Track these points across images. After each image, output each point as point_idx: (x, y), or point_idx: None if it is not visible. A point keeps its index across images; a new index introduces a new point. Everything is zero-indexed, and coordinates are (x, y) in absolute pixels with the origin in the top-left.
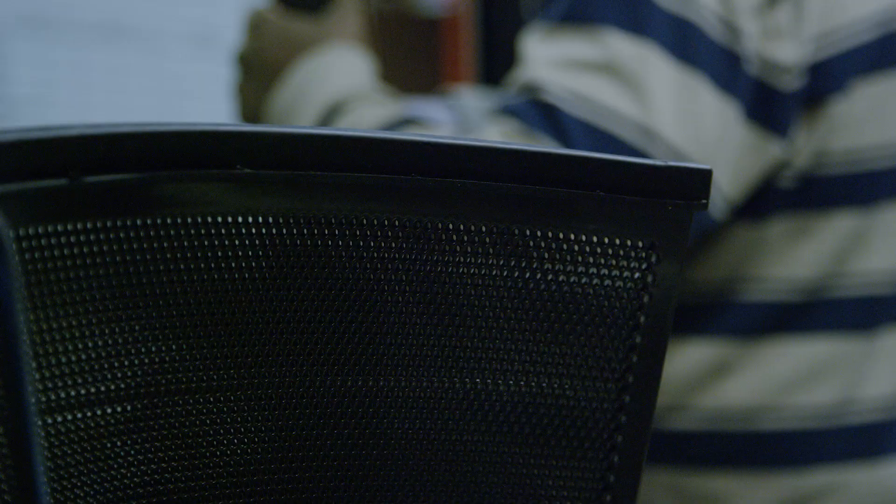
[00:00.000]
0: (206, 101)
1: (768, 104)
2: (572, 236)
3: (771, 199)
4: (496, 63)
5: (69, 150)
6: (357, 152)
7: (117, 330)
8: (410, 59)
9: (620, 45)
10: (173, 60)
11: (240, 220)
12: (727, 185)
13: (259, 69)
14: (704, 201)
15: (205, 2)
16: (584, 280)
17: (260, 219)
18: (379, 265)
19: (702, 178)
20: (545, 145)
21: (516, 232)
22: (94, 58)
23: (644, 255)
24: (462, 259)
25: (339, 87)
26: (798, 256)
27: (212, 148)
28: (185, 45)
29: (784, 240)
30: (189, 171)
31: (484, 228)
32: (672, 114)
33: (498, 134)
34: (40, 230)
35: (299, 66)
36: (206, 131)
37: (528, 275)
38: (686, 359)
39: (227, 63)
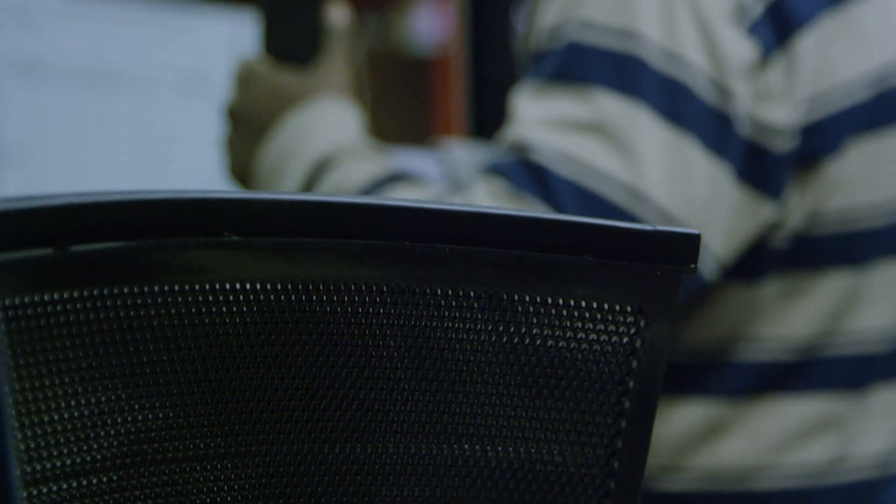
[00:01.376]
0: (195, 146)
1: (760, 166)
2: (560, 301)
3: (764, 259)
4: (487, 103)
5: (55, 220)
6: (344, 218)
7: (104, 399)
8: (400, 99)
9: (610, 106)
10: (163, 106)
11: (227, 286)
12: (719, 247)
13: (247, 123)
14: (693, 266)
15: (195, 49)
16: (572, 345)
17: (248, 285)
18: (367, 331)
19: (691, 243)
20: (533, 208)
21: (504, 297)
22: (84, 103)
23: (632, 319)
24: (450, 324)
25: (328, 141)
26: (792, 316)
27: (199, 216)
28: (175, 91)
29: (778, 300)
30: (177, 239)
31: (472, 293)
32: (662, 176)
33: (485, 193)
34: (26, 300)
35: (287, 120)
36: (193, 199)
37: (516, 339)
38: (680, 419)
39: (217, 109)
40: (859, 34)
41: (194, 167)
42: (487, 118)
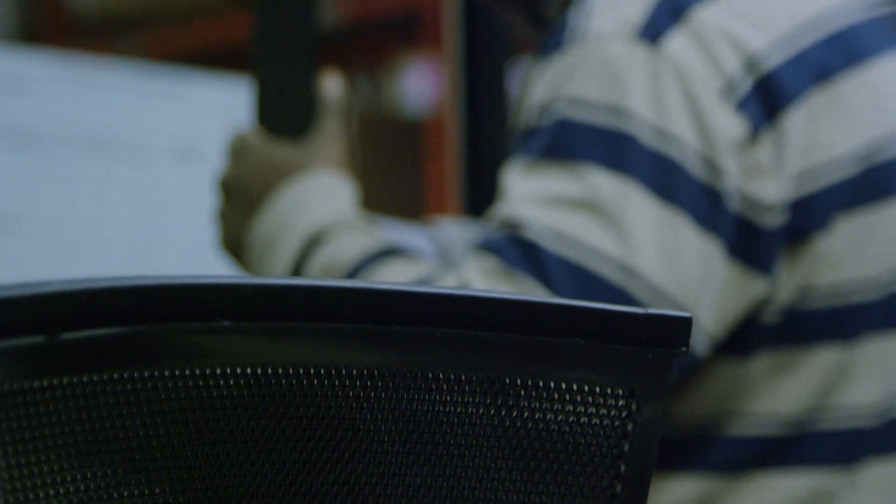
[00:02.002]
0: (188, 214)
1: (751, 241)
2: (552, 384)
3: (754, 334)
4: (480, 166)
5: (46, 308)
6: (335, 303)
7: (94, 483)
8: (392, 161)
9: (601, 183)
10: (156, 173)
11: (218, 371)
12: (710, 323)
13: (240, 195)
14: (685, 349)
15: (188, 117)
16: (563, 428)
17: (238, 370)
18: (358, 414)
19: (682, 327)
20: (525, 285)
21: (496, 380)
22: (77, 170)
23: (624, 403)
24: (442, 407)
25: (321, 215)
26: (782, 391)
27: (191, 302)
28: (168, 158)
29: (768, 375)
30: (168, 325)
31: (463, 377)
32: (653, 252)
33: (478, 270)
34: (16, 387)
35: (281, 193)
36: (184, 285)
37: (507, 422)
38: (671, 495)
39: (210, 177)
40: (847, 110)
41: (187, 234)
42: (480, 181)
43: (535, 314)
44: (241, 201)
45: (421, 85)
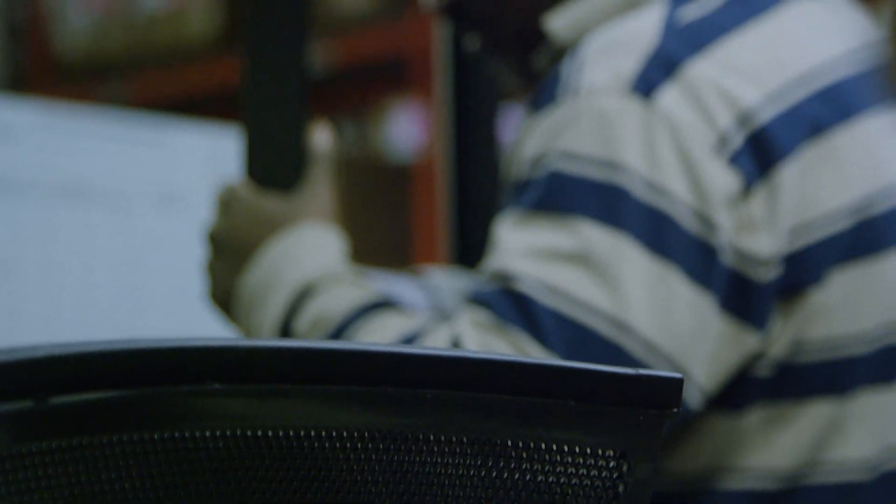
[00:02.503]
0: (173, 263)
1: (744, 296)
2: (543, 445)
3: (747, 388)
4: (469, 210)
5: (34, 373)
6: (325, 365)
7: None
8: (381, 208)
9: (594, 236)
10: (141, 221)
11: (208, 434)
12: (703, 377)
13: (229, 248)
14: (676, 410)
15: (173, 164)
16: (555, 489)
17: (229, 433)
18: (349, 476)
19: (673, 387)
20: (517, 339)
21: (487, 441)
22: (61, 218)
23: (615, 464)
24: (432, 469)
25: (312, 267)
26: (776, 445)
27: (180, 365)
28: (153, 206)
29: (761, 429)
30: (158, 388)
31: (454, 438)
32: (646, 307)
33: (469, 324)
34: (5, 452)
35: (271, 245)
36: (173, 348)
37: (498, 482)
38: None
39: (195, 224)
40: (840, 164)
41: (172, 282)
42: (469, 227)
43: (526, 375)
44: (230, 254)
45: (409, 130)
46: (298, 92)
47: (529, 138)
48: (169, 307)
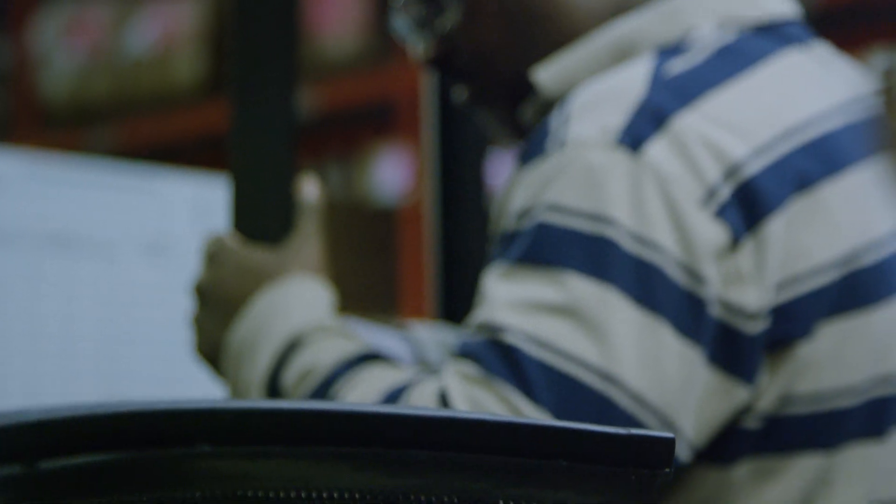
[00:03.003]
0: (159, 312)
1: (732, 349)
2: None
3: (735, 440)
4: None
5: (24, 437)
6: (316, 426)
7: None
8: (368, 252)
9: (581, 289)
10: (125, 269)
11: (198, 495)
12: (691, 431)
13: (217, 301)
14: (668, 470)
15: (159, 212)
16: None
17: (219, 494)
18: None
19: (665, 447)
20: (504, 392)
21: (478, 501)
22: (44, 267)
23: None
24: None
25: (299, 320)
26: (764, 498)
27: (170, 428)
28: (138, 254)
29: (750, 482)
30: (148, 452)
31: (446, 499)
32: (634, 360)
33: (456, 376)
34: None
35: (258, 299)
36: (163, 411)
37: None
38: None
39: (182, 273)
40: (828, 217)
41: (159, 332)
42: (456, 271)
43: (517, 435)
44: (218, 307)
45: (395, 174)
46: (286, 143)
47: (517, 190)
48: (155, 358)
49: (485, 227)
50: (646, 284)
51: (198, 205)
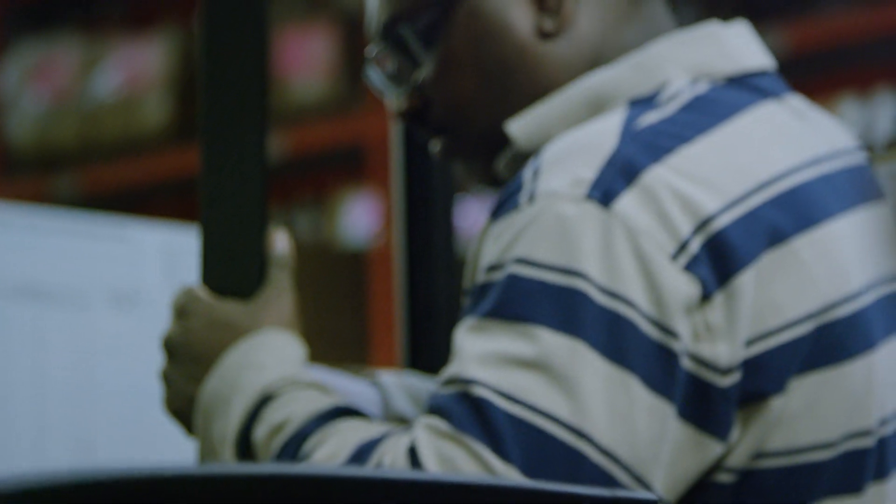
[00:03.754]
0: (128, 363)
1: (704, 403)
2: None
3: (708, 494)
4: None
5: None
6: (295, 490)
7: None
8: (337, 295)
9: (552, 342)
10: (94, 320)
11: None
12: (662, 487)
13: (187, 355)
14: None
15: (126, 261)
16: None
17: None
18: None
19: None
20: (473, 447)
21: None
22: (11, 317)
23: None
24: None
25: (271, 375)
26: None
27: (148, 494)
28: (106, 304)
29: None
30: None
31: None
32: (605, 414)
33: (425, 430)
34: None
35: (230, 354)
36: (140, 478)
37: None
38: None
39: (150, 323)
40: (800, 271)
41: (129, 381)
42: (425, 316)
43: (497, 496)
44: (188, 362)
45: (364, 218)
46: (258, 195)
47: (488, 244)
48: (124, 410)
49: (454, 273)
50: (617, 339)
51: (168, 254)
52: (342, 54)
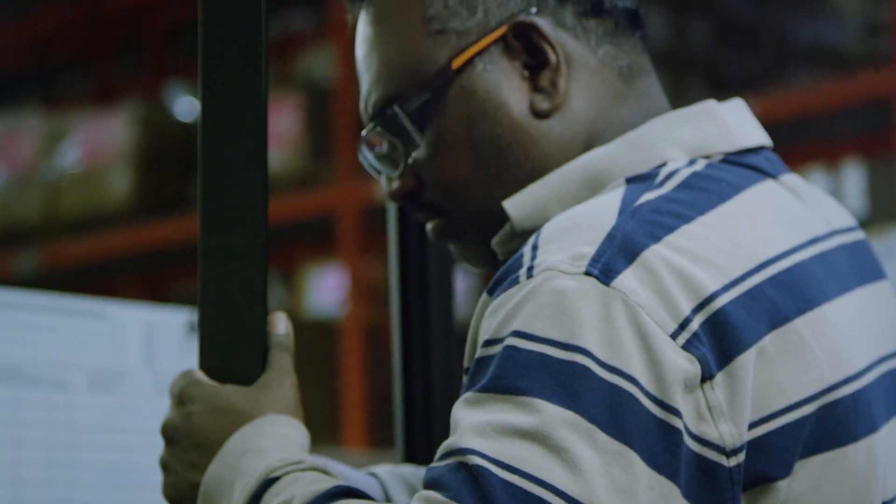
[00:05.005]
0: (108, 446)
1: (710, 485)
2: None
3: None
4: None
5: None
6: None
7: None
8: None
9: (552, 414)
10: (75, 405)
11: None
12: None
13: (188, 440)
14: None
15: (107, 347)
16: None
17: None
18: None
19: None
20: None
21: None
22: None
23: None
24: None
25: (274, 458)
26: None
27: None
28: (88, 389)
29: None
30: None
31: None
32: (605, 488)
33: (420, 503)
34: None
35: (233, 439)
36: None
37: None
38: None
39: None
40: (802, 353)
41: (109, 461)
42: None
43: None
44: (191, 448)
45: (334, 289)
46: (259, 281)
47: (485, 319)
48: (106, 483)
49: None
50: (617, 413)
51: (149, 336)
52: (309, 127)
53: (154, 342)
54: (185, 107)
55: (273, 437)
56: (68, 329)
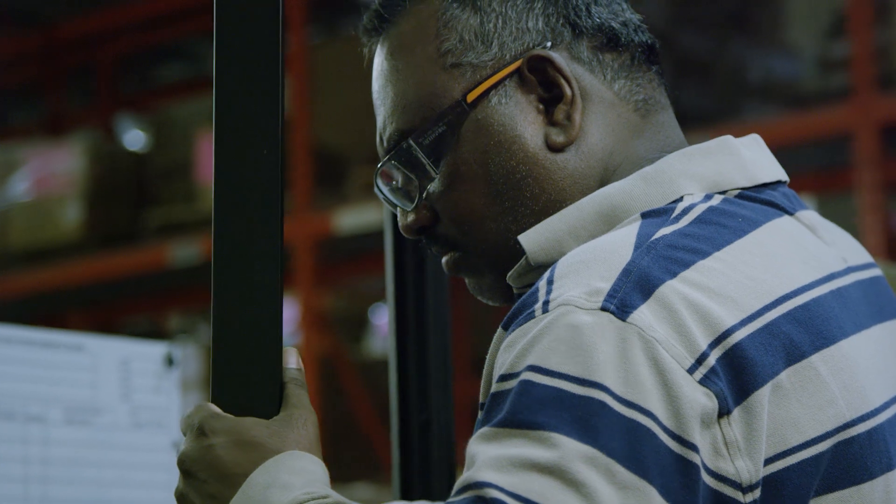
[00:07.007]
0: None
1: None
2: None
3: None
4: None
5: None
6: None
7: None
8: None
9: (569, 448)
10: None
11: None
12: None
13: (209, 472)
14: None
15: (83, 381)
16: None
17: None
18: None
19: None
20: None
21: None
22: None
23: None
24: None
25: (298, 493)
26: None
27: None
28: (63, 423)
29: None
30: None
31: None
32: None
33: None
34: None
35: (257, 472)
36: None
37: None
38: None
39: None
40: (818, 389)
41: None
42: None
43: None
44: (212, 480)
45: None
46: (275, 316)
47: (500, 354)
48: None
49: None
50: (635, 448)
51: (126, 368)
52: None
53: (130, 375)
54: (136, 137)
55: (297, 473)
56: (44, 362)
